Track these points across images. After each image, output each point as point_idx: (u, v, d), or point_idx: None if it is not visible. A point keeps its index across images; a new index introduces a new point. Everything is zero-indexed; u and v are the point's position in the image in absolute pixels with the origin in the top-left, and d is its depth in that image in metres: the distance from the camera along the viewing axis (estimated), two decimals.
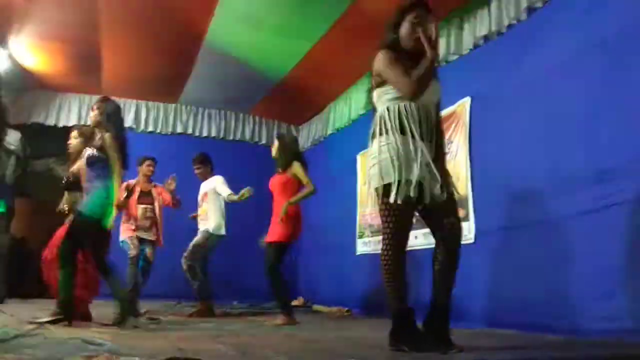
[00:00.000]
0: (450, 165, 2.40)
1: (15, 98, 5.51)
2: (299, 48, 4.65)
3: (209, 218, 4.54)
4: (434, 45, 2.02)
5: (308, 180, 3.73)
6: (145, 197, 4.42)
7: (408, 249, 2.07)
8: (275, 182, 3.84)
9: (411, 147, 2.01)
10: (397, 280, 2.00)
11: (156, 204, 4.43)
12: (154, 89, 5.74)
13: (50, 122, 5.88)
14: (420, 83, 2.01)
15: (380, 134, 2.07)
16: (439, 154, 2.11)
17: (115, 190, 3.07)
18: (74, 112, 5.89)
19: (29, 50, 4.97)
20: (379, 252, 2.06)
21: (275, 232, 3.67)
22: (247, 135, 6.58)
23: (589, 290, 2.61)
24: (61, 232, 3.33)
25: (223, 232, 4.57)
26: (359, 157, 5.33)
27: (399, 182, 1.96)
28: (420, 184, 1.98)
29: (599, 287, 2.55)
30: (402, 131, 2.03)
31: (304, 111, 6.45)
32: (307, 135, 6.81)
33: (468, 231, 3.47)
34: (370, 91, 2.21)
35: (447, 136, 3.54)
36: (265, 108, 6.31)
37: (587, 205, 2.67)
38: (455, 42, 3.81)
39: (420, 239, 3.74)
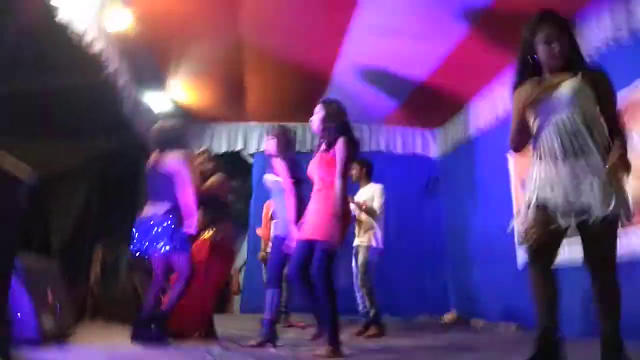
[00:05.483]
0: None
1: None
2: (437, 51, 4.57)
3: (372, 229, 4.23)
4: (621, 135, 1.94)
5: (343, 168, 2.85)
6: None
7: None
8: (316, 164, 3.00)
9: (556, 169, 1.92)
10: (538, 299, 1.97)
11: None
12: (295, 111, 5.46)
13: None
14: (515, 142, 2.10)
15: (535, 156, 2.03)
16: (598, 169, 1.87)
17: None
18: (225, 139, 6.39)
19: (183, 89, 5.43)
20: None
21: (324, 229, 2.79)
22: (382, 146, 6.43)
23: None
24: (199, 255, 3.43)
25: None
26: (509, 157, 4.89)
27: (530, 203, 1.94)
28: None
29: None
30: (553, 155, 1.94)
31: (439, 113, 5.77)
32: (444, 139, 6.30)
33: None
34: None
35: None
36: (396, 117, 5.94)
37: None
38: (626, 19, 3.32)
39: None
